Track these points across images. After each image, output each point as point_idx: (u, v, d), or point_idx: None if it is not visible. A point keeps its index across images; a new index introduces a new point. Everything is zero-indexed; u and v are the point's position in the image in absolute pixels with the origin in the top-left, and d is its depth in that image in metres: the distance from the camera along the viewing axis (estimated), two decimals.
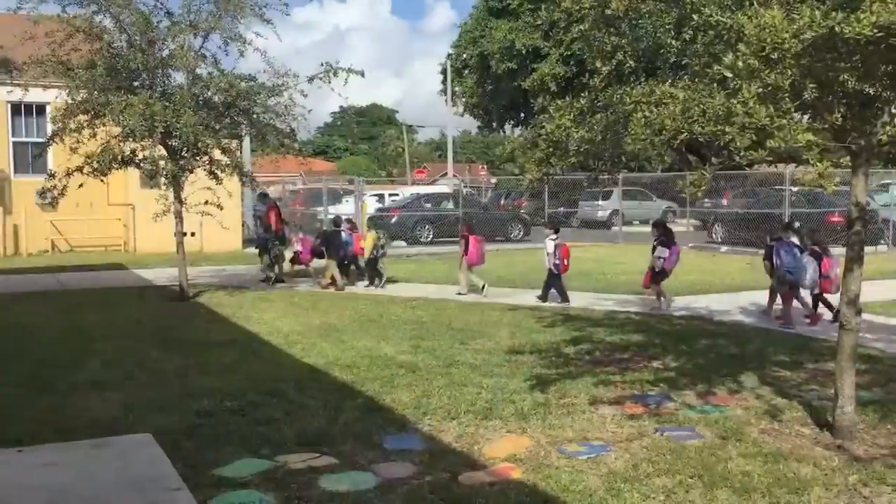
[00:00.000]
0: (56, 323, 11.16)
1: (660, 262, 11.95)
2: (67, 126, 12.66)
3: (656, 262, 11.99)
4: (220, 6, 13.03)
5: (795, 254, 10.49)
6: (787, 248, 10.57)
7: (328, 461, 5.36)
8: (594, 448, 5.58)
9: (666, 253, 11.91)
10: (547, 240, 12.92)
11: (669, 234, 12.27)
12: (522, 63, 38.06)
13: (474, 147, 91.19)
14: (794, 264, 10.37)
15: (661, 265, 11.94)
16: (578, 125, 6.30)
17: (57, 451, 5.42)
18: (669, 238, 12.11)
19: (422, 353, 8.84)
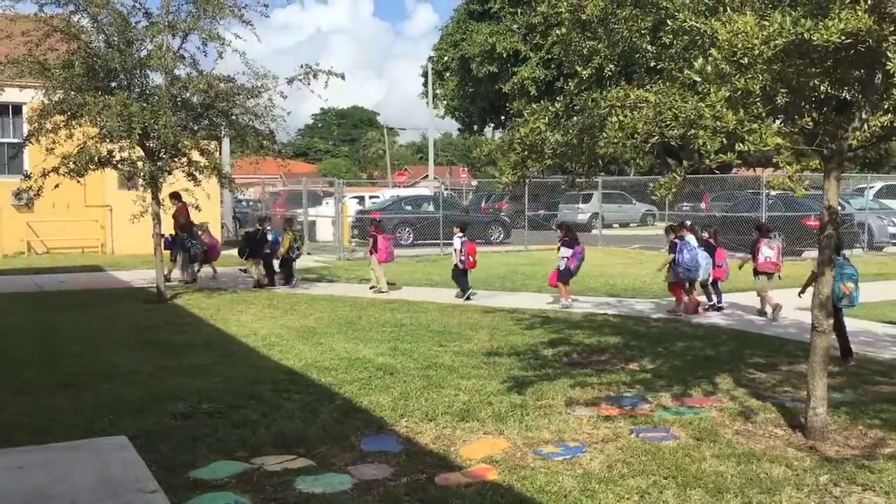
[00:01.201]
0: (32, 325, 11.06)
1: (563, 262, 12.63)
2: (44, 126, 12.57)
3: (560, 262, 12.68)
4: (199, 7, 12.98)
5: (695, 253, 11.53)
6: (689, 248, 11.55)
7: (304, 463, 5.36)
8: (570, 449, 5.62)
9: (569, 253, 12.61)
10: (455, 238, 13.81)
11: (573, 234, 12.97)
12: (503, 66, 38.22)
13: (455, 150, 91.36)
14: (692, 263, 11.45)
15: (565, 264, 12.61)
16: (554, 128, 6.35)
17: (32, 454, 5.38)
18: (573, 239, 12.80)
19: (400, 355, 8.85)
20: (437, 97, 46.05)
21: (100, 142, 12.73)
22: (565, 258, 12.64)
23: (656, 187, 5.23)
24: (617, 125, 5.24)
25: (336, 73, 13.85)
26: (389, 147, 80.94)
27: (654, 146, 5.21)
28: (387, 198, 30.09)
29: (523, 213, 27.37)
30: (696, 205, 27.17)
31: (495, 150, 7.31)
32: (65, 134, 12.63)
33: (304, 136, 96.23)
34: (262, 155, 14.69)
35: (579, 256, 12.69)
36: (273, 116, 13.84)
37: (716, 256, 11.90)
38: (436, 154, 58.36)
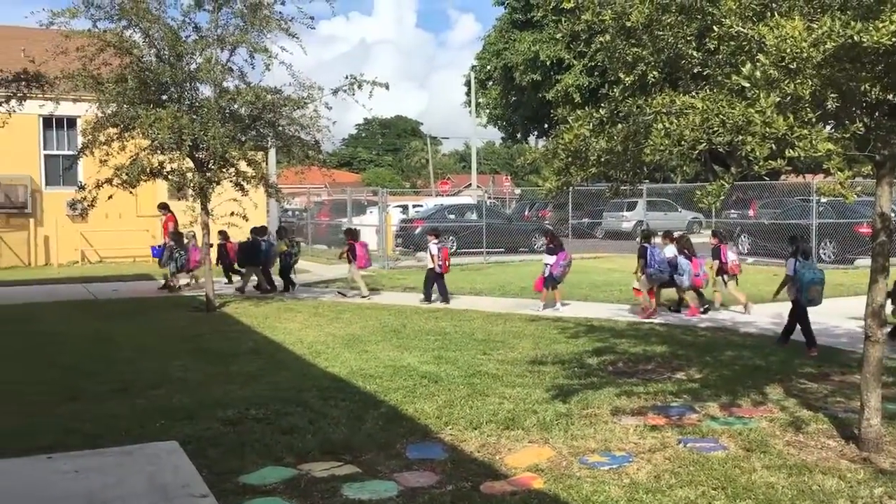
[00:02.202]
0: (86, 332, 11.33)
1: (547, 269, 13.07)
2: (97, 139, 12.89)
3: (545, 269, 13.12)
4: (247, 21, 13.22)
5: (662, 257, 12.29)
6: (657, 252, 12.29)
7: (351, 470, 5.41)
8: (616, 459, 5.58)
9: (552, 260, 13.05)
10: (430, 244, 14.51)
11: (556, 241, 13.44)
12: (546, 74, 38.14)
13: (498, 158, 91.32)
14: (662, 266, 12.19)
15: (549, 271, 13.03)
16: (598, 135, 6.32)
17: (86, 458, 5.52)
18: (557, 246, 13.26)
19: (444, 363, 8.87)
20: (480, 106, 46.12)
21: (151, 153, 13.04)
22: (548, 265, 13.08)
23: (703, 195, 5.18)
24: (663, 132, 5.19)
25: (380, 83, 13.97)
26: (432, 156, 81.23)
27: (700, 153, 5.16)
28: (430, 207, 30.21)
29: (567, 222, 27.24)
30: (744, 212, 26.76)
31: (539, 158, 7.31)
32: (118, 146, 12.95)
33: (348, 146, 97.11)
34: (308, 165, 14.87)
35: (563, 263, 13.06)
36: (318, 127, 14.04)
37: (693, 266, 12.44)
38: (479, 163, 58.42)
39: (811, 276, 9.13)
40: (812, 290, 9.12)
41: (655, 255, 12.30)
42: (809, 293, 9.13)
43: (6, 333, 11.34)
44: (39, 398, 7.41)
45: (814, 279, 9.12)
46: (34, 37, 19.97)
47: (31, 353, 9.77)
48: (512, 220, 29.95)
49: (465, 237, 25.48)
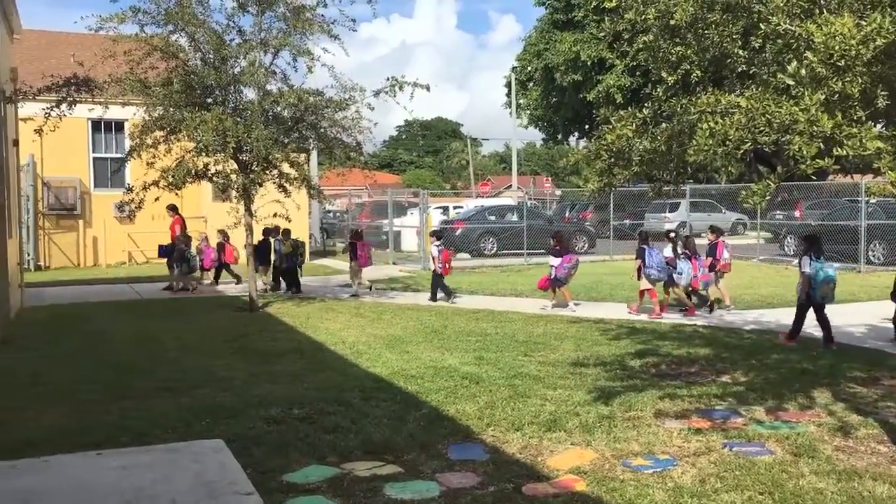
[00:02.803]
0: (133, 332, 11.56)
1: (553, 270, 13.44)
2: (144, 142, 13.13)
3: (550, 271, 13.51)
4: (290, 24, 13.37)
5: (661, 258, 12.58)
6: (656, 252, 12.59)
7: (393, 469, 5.43)
8: (660, 462, 5.52)
9: (557, 262, 13.38)
10: (432, 246, 15.13)
11: (563, 244, 13.75)
12: (587, 75, 37.93)
13: (539, 159, 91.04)
14: (660, 266, 12.47)
15: (554, 273, 13.39)
16: (641, 135, 6.27)
17: (134, 455, 5.63)
18: (563, 248, 13.60)
19: (485, 364, 8.87)
20: (521, 107, 46.03)
21: (196, 156, 13.25)
22: (553, 267, 13.45)
23: (749, 195, 5.11)
24: (707, 132, 5.14)
25: (421, 84, 14.01)
26: (473, 157, 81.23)
27: (745, 153, 5.09)
28: (470, 208, 30.20)
29: (608, 223, 27.02)
30: (790, 213, 26.30)
31: (581, 159, 7.28)
32: (164, 148, 13.18)
33: (388, 148, 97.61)
34: (350, 166, 14.98)
35: (567, 265, 13.34)
36: (360, 128, 14.13)
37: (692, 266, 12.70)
38: (519, 164, 58.27)
39: (824, 274, 9.48)
40: (825, 288, 9.52)
41: (653, 255, 12.54)
42: (822, 290, 9.52)
43: (58, 333, 11.61)
44: (91, 396, 7.57)
45: (827, 277, 9.49)
46: (83, 42, 20.43)
47: (83, 352, 9.99)
48: (553, 222, 29.80)
49: (505, 238, 25.43)
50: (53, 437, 6.18)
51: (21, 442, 6.07)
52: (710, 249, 13.12)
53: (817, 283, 9.50)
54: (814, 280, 9.51)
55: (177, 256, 16.66)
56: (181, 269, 16.68)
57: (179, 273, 16.73)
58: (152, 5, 12.70)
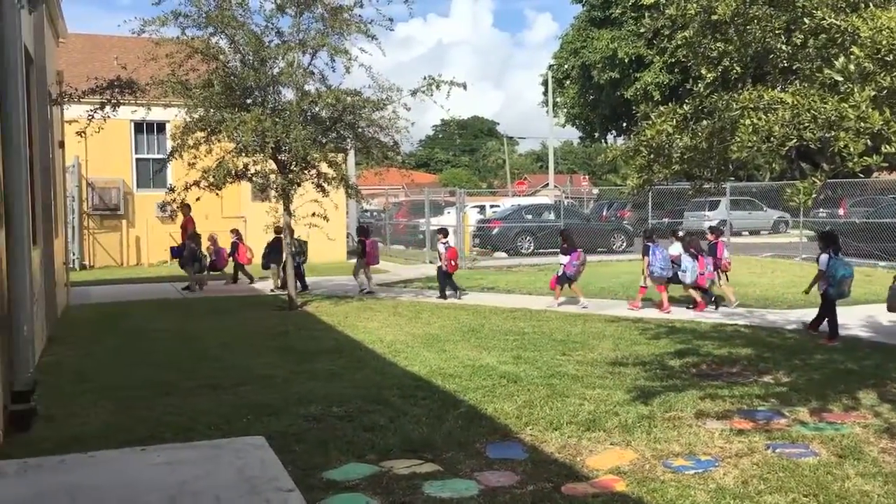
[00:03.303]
0: (175, 329, 11.74)
1: (561, 268, 13.70)
2: (186, 142, 13.32)
3: (559, 268, 13.77)
4: (328, 24, 13.46)
5: (665, 255, 12.93)
6: (660, 250, 12.99)
7: (432, 468, 5.45)
8: (701, 463, 5.46)
9: (566, 260, 13.66)
10: (438, 244, 15.45)
11: (570, 242, 13.92)
12: (625, 72, 37.63)
13: (576, 158, 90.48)
14: (664, 264, 12.85)
15: (563, 270, 13.64)
16: (681, 132, 6.21)
17: (177, 451, 5.71)
18: (570, 246, 13.79)
19: (523, 363, 8.85)
20: (558, 105, 45.81)
21: (236, 156, 13.40)
22: (562, 265, 13.71)
23: (794, 193, 5.02)
24: (750, 128, 5.07)
25: (458, 83, 14.02)
26: (509, 156, 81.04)
27: (790, 150, 5.01)
28: (507, 207, 30.15)
29: (646, 221, 26.77)
30: (834, 211, 25.81)
31: (620, 156, 7.22)
32: (205, 149, 13.35)
33: (425, 147, 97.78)
34: (387, 166, 15.04)
35: (575, 262, 13.56)
36: (397, 128, 14.18)
37: (699, 264, 12.93)
38: (556, 162, 57.99)
39: (843, 271, 9.69)
40: (843, 284, 9.70)
41: (659, 253, 12.90)
42: (840, 287, 9.69)
43: (103, 331, 11.84)
44: (135, 393, 7.71)
45: (846, 274, 9.68)
46: (126, 45, 20.79)
47: (127, 350, 10.17)
48: (590, 220, 29.63)
49: (542, 237, 25.33)
50: (99, 433, 6.31)
51: (68, 437, 6.20)
52: (710, 249, 13.32)
53: (835, 280, 9.65)
54: (832, 277, 9.66)
55: (187, 255, 17.01)
56: (192, 268, 17.05)
57: (192, 272, 17.10)
58: (193, 8, 12.90)
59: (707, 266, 12.92)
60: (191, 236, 17.08)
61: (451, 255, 15.20)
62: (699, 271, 12.79)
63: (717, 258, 13.19)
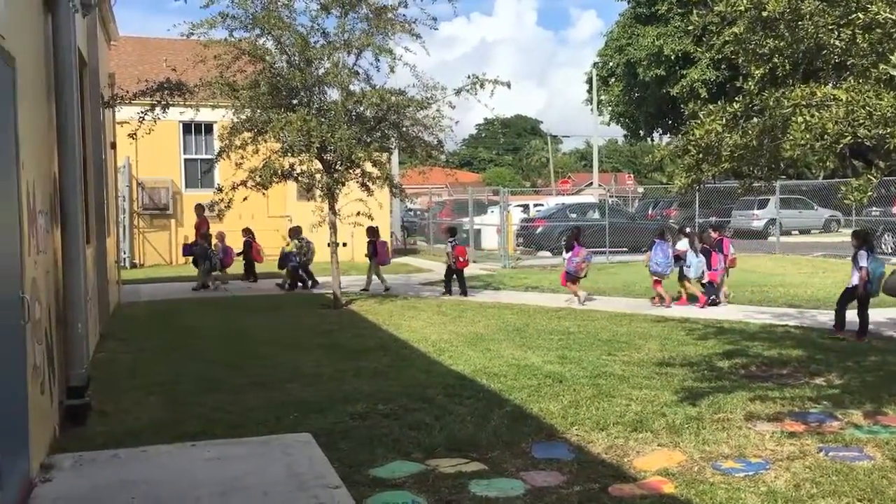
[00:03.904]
0: (224, 327, 11.92)
1: (566, 264, 14.10)
2: (233, 143, 13.51)
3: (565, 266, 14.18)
4: (372, 24, 13.54)
5: (667, 252, 13.41)
6: (663, 248, 13.41)
7: (477, 467, 5.45)
8: (752, 465, 5.38)
9: (567, 255, 14.12)
10: (447, 243, 15.98)
11: (576, 239, 14.30)
12: (671, 69, 37.15)
13: (620, 156, 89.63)
14: (661, 260, 13.31)
15: (567, 266, 14.05)
16: (731, 130, 6.11)
17: (227, 446, 5.81)
18: (574, 243, 14.13)
19: (569, 363, 8.80)
20: (602, 103, 45.39)
21: (282, 156, 13.55)
22: (566, 259, 14.18)
23: (848, 191, 4.91)
24: (802, 125, 4.98)
25: (502, 81, 13.98)
26: (553, 155, 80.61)
27: (844, 147, 4.90)
28: (551, 206, 29.98)
29: (693, 220, 26.40)
30: (887, 209, 25.15)
31: (667, 155, 7.14)
32: (252, 149, 13.52)
33: (468, 146, 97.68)
34: (431, 165, 15.06)
35: (576, 259, 13.85)
36: (441, 127, 14.20)
37: (711, 260, 13.31)
38: (600, 161, 57.54)
39: (881, 269, 9.92)
40: (880, 282, 9.79)
41: (660, 250, 13.37)
42: (877, 285, 9.79)
43: (153, 328, 12.07)
44: (185, 389, 7.85)
45: (882, 271, 9.86)
46: (175, 47, 21.17)
47: (176, 347, 10.36)
48: (635, 219, 29.32)
49: (586, 237, 25.07)
50: (151, 428, 6.44)
51: (121, 432, 6.34)
52: (717, 246, 13.56)
53: (874, 278, 9.78)
54: (872, 274, 9.78)
55: (199, 253, 17.48)
56: (204, 266, 17.47)
57: (202, 270, 17.54)
58: (240, 10, 13.08)
59: (720, 262, 13.29)
60: (203, 235, 17.63)
61: (460, 252, 15.67)
62: (713, 267, 13.17)
63: (723, 254, 13.53)
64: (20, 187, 4.98)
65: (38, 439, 5.27)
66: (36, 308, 5.37)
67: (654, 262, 13.38)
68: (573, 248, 14.02)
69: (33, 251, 5.38)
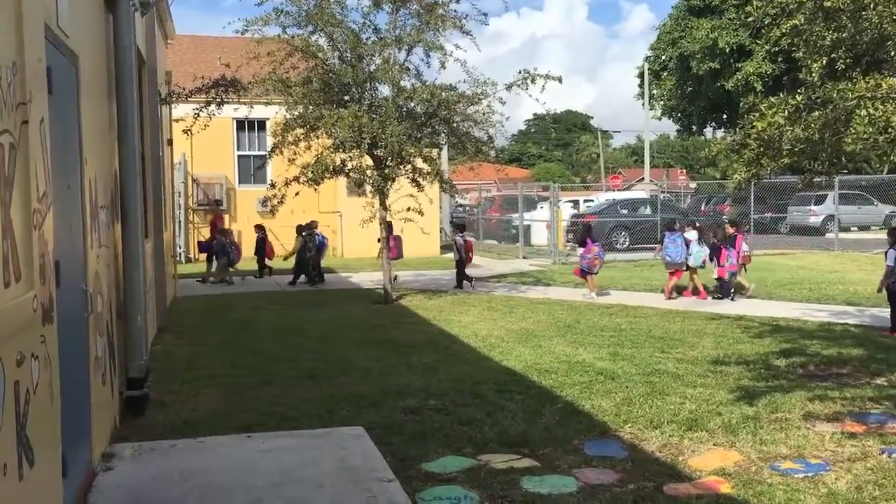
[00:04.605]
0: (276, 321, 12.07)
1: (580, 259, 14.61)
2: (286, 139, 13.66)
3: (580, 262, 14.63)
4: (423, 20, 13.56)
5: (678, 242, 13.78)
6: (672, 239, 13.81)
7: (529, 463, 5.43)
8: (811, 466, 5.26)
9: (580, 252, 14.57)
10: (457, 237, 16.55)
11: (585, 236, 14.65)
12: (726, 62, 36.52)
13: (672, 151, 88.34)
14: (673, 251, 13.69)
15: (581, 264, 14.50)
16: (793, 123, 5.98)
17: (282, 439, 5.89)
18: (586, 239, 14.45)
19: (621, 360, 8.72)
20: (654, 98, 44.83)
21: (333, 152, 13.66)
22: (579, 256, 14.72)
23: None
24: (866, 119, 4.84)
25: (553, 76, 13.88)
26: (603, 150, 79.81)
27: None
28: (602, 201, 29.70)
29: (748, 216, 25.90)
30: None
31: (724, 150, 7.01)
32: (303, 145, 13.66)
33: (517, 142, 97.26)
34: (480, 160, 15.03)
35: (588, 256, 14.24)
36: (491, 122, 14.17)
37: (720, 255, 13.58)
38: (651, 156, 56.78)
39: None
40: None
41: (670, 241, 13.75)
42: None
43: (209, 321, 12.29)
44: (240, 381, 7.97)
45: None
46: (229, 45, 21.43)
47: (231, 340, 10.53)
48: (688, 215, 28.86)
49: (638, 233, 24.85)
50: (207, 419, 6.56)
51: (179, 422, 6.48)
52: (730, 241, 13.76)
53: None
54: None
55: (216, 249, 17.95)
56: (221, 261, 17.87)
57: (219, 266, 17.92)
58: (294, 7, 13.21)
59: (729, 258, 13.50)
60: (220, 231, 18.25)
61: (469, 247, 16.34)
62: (721, 263, 13.51)
63: (736, 251, 13.69)
64: (83, 183, 5.11)
65: (100, 429, 5.40)
66: (98, 301, 5.50)
67: (666, 254, 13.76)
68: (585, 245, 14.36)
69: (95, 245, 5.51)
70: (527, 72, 13.84)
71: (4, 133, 3.11)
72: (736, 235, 13.95)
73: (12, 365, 3.09)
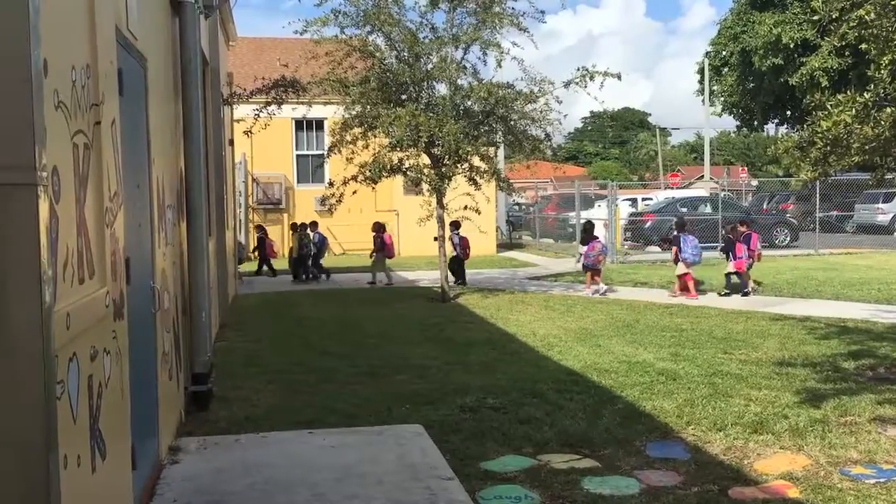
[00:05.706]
0: (335, 319, 12.19)
1: (581, 258, 15.01)
2: (344, 139, 13.79)
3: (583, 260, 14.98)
4: (480, 18, 13.54)
5: (694, 242, 14.08)
6: (687, 239, 14.02)
7: (590, 463, 5.38)
8: (884, 472, 5.09)
9: (583, 249, 14.85)
10: (453, 234, 16.28)
11: (588, 233, 15.01)
12: (789, 57, 35.62)
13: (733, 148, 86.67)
14: (690, 251, 13.91)
15: (582, 261, 14.92)
16: (862, 121, 5.80)
17: (342, 435, 5.94)
18: (587, 237, 14.89)
19: (682, 360, 8.58)
20: (714, 94, 43.96)
21: (391, 151, 13.74)
22: (581, 254, 15.11)
23: None
24: None
25: (612, 73, 13.74)
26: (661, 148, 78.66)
27: None
28: (661, 200, 29.26)
29: (812, 215, 25.23)
30: None
31: (791, 148, 6.84)
32: (361, 145, 13.77)
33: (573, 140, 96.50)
34: (536, 158, 14.95)
35: (591, 253, 14.60)
36: (549, 120, 14.09)
37: (735, 250, 13.94)
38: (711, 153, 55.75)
39: None
40: None
41: (687, 241, 13.95)
42: None
43: (268, 318, 12.49)
44: (300, 377, 8.08)
45: None
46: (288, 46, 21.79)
47: (290, 337, 10.68)
48: (749, 214, 28.26)
49: (697, 231, 24.36)
50: (269, 415, 6.66)
51: (241, 417, 6.59)
52: (745, 239, 14.07)
53: None
54: None
55: None
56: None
57: None
58: (352, 7, 13.33)
59: (744, 252, 13.85)
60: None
61: (465, 244, 16.64)
62: (737, 256, 13.86)
63: (749, 248, 13.98)
64: (151, 182, 5.23)
65: (167, 423, 5.53)
66: (164, 297, 5.63)
67: (688, 254, 13.86)
68: (588, 243, 14.69)
69: (162, 243, 5.64)
70: (585, 69, 13.75)
71: (79, 133, 3.20)
72: (750, 234, 14.32)
73: (86, 359, 3.18)
